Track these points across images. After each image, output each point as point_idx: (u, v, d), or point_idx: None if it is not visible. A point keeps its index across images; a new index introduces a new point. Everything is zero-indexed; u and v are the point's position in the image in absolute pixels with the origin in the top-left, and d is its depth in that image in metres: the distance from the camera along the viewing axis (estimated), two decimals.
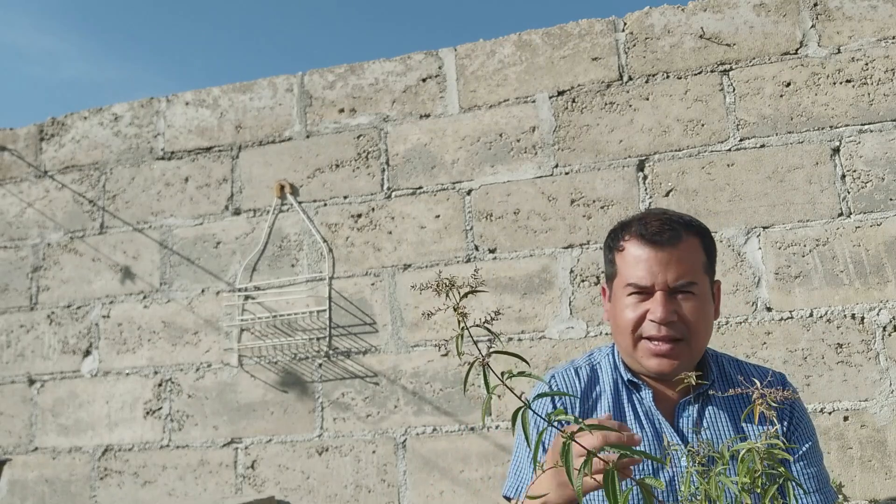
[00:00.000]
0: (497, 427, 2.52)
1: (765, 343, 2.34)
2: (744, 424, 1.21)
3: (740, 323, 2.37)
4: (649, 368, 1.19)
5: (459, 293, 0.67)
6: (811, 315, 2.33)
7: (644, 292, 1.19)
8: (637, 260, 1.20)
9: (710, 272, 1.26)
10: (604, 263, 1.33)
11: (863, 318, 2.28)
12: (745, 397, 1.21)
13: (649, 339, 1.18)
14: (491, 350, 0.71)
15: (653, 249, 1.19)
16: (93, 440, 2.90)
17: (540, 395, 0.76)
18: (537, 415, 0.77)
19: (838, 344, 2.29)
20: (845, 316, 2.30)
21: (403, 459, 2.59)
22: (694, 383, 0.86)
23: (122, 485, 2.84)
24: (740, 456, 0.72)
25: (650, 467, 1.17)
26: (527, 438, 0.72)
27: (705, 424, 1.21)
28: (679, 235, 1.21)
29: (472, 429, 2.55)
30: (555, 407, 1.21)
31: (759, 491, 0.68)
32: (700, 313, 1.19)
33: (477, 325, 0.70)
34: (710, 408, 1.23)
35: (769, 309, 2.36)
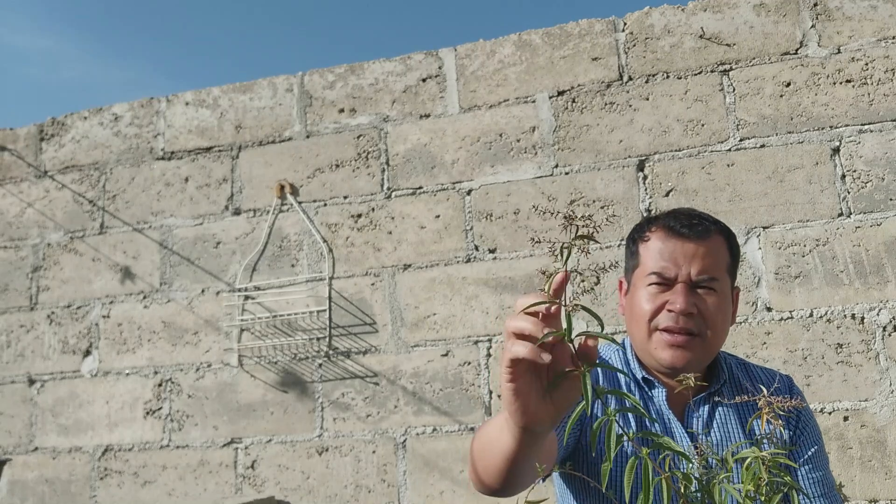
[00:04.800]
0: None
1: (765, 343, 2.34)
2: (754, 426, 1.20)
3: (740, 323, 2.37)
4: (662, 361, 1.18)
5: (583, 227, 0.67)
6: (811, 315, 2.33)
7: (665, 283, 1.19)
8: (662, 250, 1.19)
9: (732, 275, 1.25)
10: (624, 256, 1.32)
11: (863, 318, 2.29)
12: (754, 400, 1.21)
13: (665, 330, 1.17)
14: (585, 287, 0.69)
15: (680, 241, 1.19)
16: (93, 440, 2.90)
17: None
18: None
19: (838, 344, 2.29)
20: (845, 316, 2.30)
21: (403, 459, 2.59)
22: (693, 384, 0.86)
23: (122, 485, 2.84)
24: (746, 463, 0.72)
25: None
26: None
27: (715, 426, 1.21)
28: (708, 231, 1.21)
29: (472, 429, 2.55)
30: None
31: (763, 498, 0.68)
32: (719, 310, 1.19)
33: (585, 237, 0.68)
34: (720, 409, 1.22)
35: (769, 309, 2.36)
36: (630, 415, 1.20)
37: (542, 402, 0.73)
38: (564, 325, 0.69)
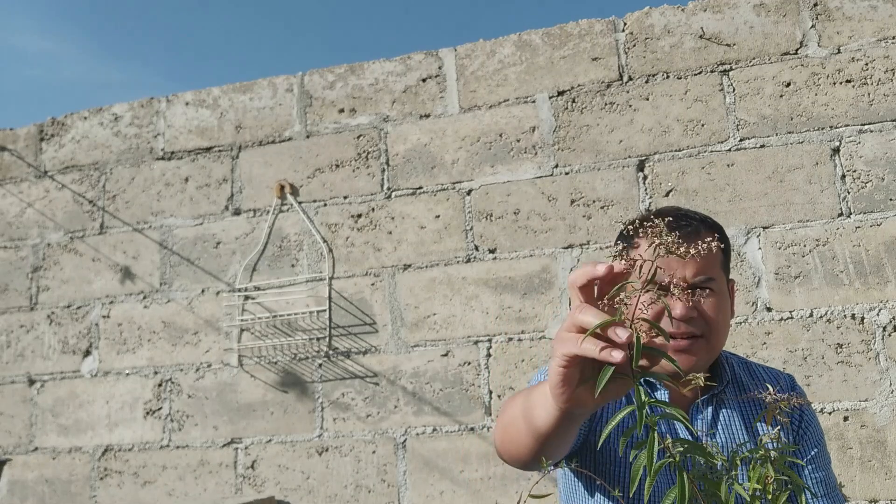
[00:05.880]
0: None
1: (765, 343, 2.34)
2: (757, 426, 1.20)
3: (740, 323, 2.37)
4: (667, 366, 1.17)
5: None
6: (811, 315, 2.33)
7: (661, 289, 1.18)
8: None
9: (726, 270, 1.25)
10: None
11: (863, 318, 2.29)
12: (758, 400, 1.21)
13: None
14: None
15: None
16: (93, 440, 2.90)
17: None
18: None
19: (838, 344, 2.29)
20: (845, 316, 2.30)
21: (403, 459, 2.59)
22: (702, 384, 0.85)
23: (122, 485, 2.84)
24: (753, 463, 0.71)
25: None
26: None
27: (719, 427, 1.20)
28: (698, 231, 1.20)
29: (472, 429, 2.55)
30: None
31: (770, 498, 0.68)
32: (719, 310, 1.18)
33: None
34: (724, 410, 1.22)
35: (769, 309, 2.36)
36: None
37: (587, 389, 0.73)
38: (633, 350, 0.68)
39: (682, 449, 0.67)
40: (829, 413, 2.27)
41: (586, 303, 0.71)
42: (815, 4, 2.48)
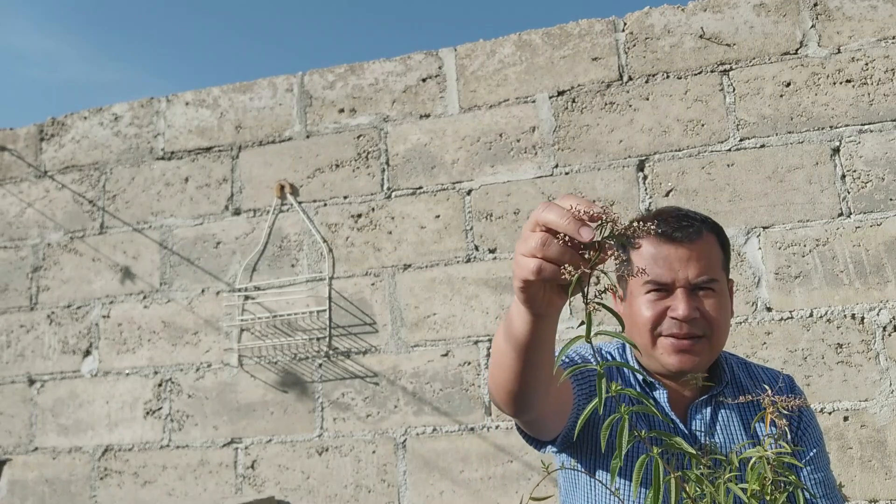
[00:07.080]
0: (497, 427, 2.52)
1: (765, 343, 2.34)
2: (756, 427, 1.20)
3: (740, 323, 2.37)
4: (669, 366, 1.17)
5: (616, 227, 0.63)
6: (811, 315, 2.33)
7: (664, 289, 1.18)
8: (656, 256, 1.18)
9: (726, 270, 1.25)
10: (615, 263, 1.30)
11: (863, 318, 2.29)
12: (756, 401, 1.21)
13: (670, 336, 1.16)
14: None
15: (672, 246, 1.18)
16: (93, 440, 2.90)
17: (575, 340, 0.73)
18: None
19: (838, 344, 2.29)
20: (845, 316, 2.30)
21: (403, 459, 2.59)
22: (700, 384, 0.85)
23: (122, 485, 2.84)
24: (751, 463, 0.71)
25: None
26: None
27: (718, 427, 1.20)
28: (699, 231, 1.20)
29: (472, 429, 2.55)
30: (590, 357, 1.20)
31: (768, 498, 0.68)
32: (721, 310, 1.18)
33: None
34: (723, 410, 1.22)
35: (769, 309, 2.36)
36: (638, 414, 1.19)
37: (554, 294, 0.74)
38: (585, 324, 0.67)
39: (654, 436, 0.67)
40: (829, 413, 2.27)
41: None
42: (815, 4, 2.48)
